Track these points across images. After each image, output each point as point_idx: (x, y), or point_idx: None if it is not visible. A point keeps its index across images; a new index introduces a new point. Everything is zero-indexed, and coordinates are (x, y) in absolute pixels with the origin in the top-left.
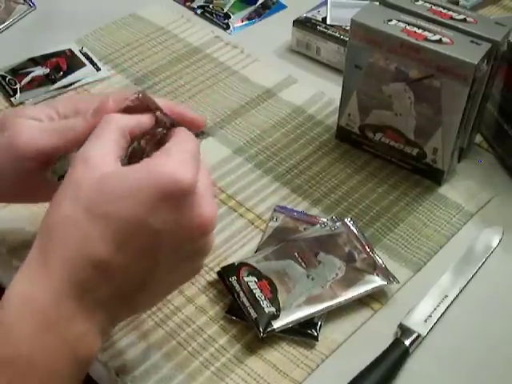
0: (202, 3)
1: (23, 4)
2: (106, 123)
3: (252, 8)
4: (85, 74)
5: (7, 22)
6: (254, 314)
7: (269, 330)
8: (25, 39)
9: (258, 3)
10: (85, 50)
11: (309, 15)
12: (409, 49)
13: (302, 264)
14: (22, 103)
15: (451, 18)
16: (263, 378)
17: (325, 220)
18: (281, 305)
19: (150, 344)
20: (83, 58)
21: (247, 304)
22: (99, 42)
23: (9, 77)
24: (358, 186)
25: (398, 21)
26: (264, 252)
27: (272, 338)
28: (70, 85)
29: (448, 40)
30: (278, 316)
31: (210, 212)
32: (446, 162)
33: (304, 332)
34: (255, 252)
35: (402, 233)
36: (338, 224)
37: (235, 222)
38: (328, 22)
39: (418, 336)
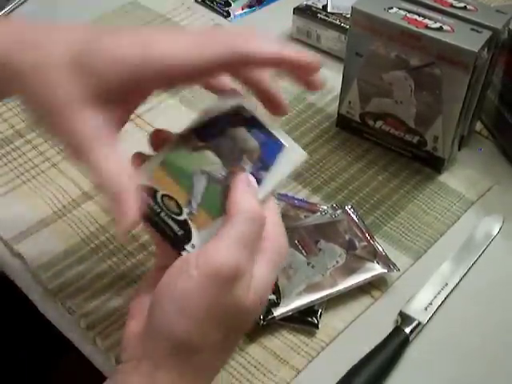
0: None
1: None
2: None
3: None
4: None
5: (7, 8)
6: None
7: (269, 317)
8: None
9: None
10: None
11: (309, 3)
12: (409, 37)
13: (303, 251)
14: None
15: (452, 5)
16: (264, 366)
17: (325, 208)
18: (281, 292)
19: None
20: None
21: None
22: None
23: None
24: (358, 173)
25: (399, 8)
26: None
27: (272, 326)
28: None
29: (448, 28)
30: (279, 304)
31: (252, 301)
32: (447, 149)
33: (304, 320)
34: None
35: (402, 221)
36: (338, 212)
37: None
38: (328, 9)
39: (419, 324)
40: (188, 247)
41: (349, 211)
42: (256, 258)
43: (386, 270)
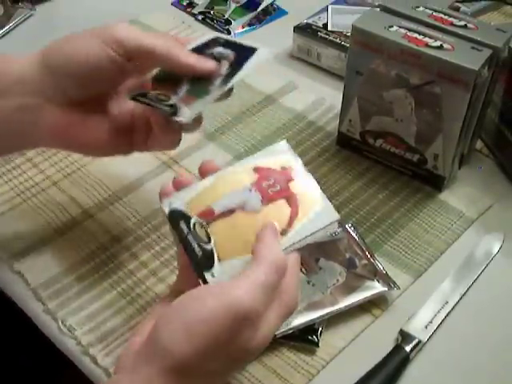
0: (203, 9)
1: (23, 8)
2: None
3: (253, 14)
4: None
5: (7, 27)
6: None
7: None
8: (25, 44)
9: (259, 9)
10: None
11: (309, 21)
12: (409, 55)
13: (303, 270)
14: None
15: (452, 24)
16: None
17: None
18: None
19: None
20: None
21: None
22: None
23: None
24: (358, 192)
25: (399, 27)
26: None
27: (272, 344)
28: None
29: (449, 46)
30: None
31: (257, 344)
32: (447, 168)
33: (305, 338)
34: None
35: (402, 239)
36: (338, 230)
37: None
38: (329, 28)
39: (419, 342)
40: (208, 275)
41: (349, 229)
42: (271, 305)
43: (386, 289)
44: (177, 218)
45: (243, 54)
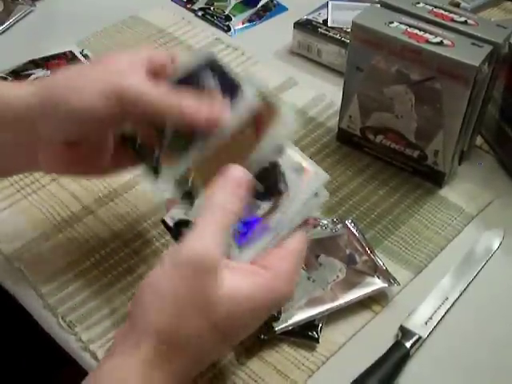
0: (202, 5)
1: (22, 4)
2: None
3: (253, 10)
4: None
5: (7, 23)
6: None
7: (270, 331)
8: (25, 41)
9: (259, 5)
10: (85, 51)
11: (310, 17)
12: (410, 51)
13: (303, 266)
14: None
15: (452, 20)
16: (264, 380)
17: (326, 222)
18: (281, 307)
19: None
20: (84, 60)
21: None
22: (100, 43)
23: (10, 79)
24: (358, 188)
25: (399, 23)
26: None
27: (273, 340)
28: None
29: (449, 42)
30: (279, 318)
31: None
32: (447, 164)
33: (305, 334)
34: None
35: (402, 235)
36: (338, 226)
37: None
38: (329, 24)
39: (419, 338)
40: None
41: (349, 225)
42: (259, 271)
43: (386, 285)
44: (180, 227)
45: (228, 91)
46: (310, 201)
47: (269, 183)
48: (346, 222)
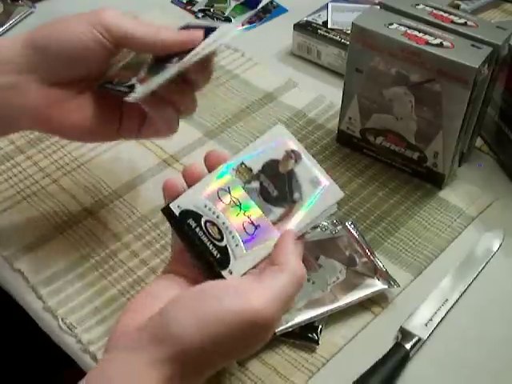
0: (202, 7)
1: (22, 6)
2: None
3: (253, 12)
4: None
5: (7, 25)
6: None
7: None
8: None
9: (259, 7)
10: None
11: (309, 19)
12: (409, 53)
13: None
14: None
15: (452, 21)
16: (264, 382)
17: (325, 224)
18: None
19: None
20: None
21: None
22: None
23: None
24: (358, 189)
25: (399, 25)
26: None
27: (273, 342)
28: None
29: (449, 44)
30: None
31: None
32: (447, 165)
33: (305, 335)
34: None
35: (402, 236)
36: (338, 228)
37: None
38: (329, 25)
39: (419, 340)
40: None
41: (349, 227)
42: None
43: (386, 286)
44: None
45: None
46: (321, 214)
47: (284, 190)
48: (346, 223)
